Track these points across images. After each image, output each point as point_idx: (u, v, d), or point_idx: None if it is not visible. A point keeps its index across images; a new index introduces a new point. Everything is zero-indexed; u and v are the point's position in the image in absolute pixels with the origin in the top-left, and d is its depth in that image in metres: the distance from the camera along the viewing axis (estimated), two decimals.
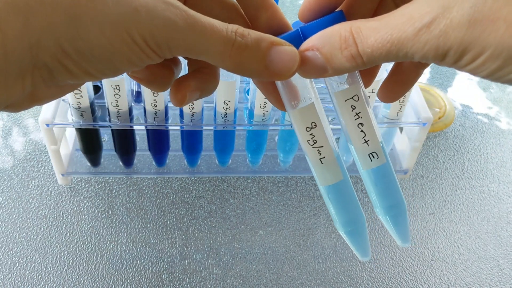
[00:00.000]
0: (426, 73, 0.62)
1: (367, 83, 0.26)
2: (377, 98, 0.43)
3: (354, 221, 0.27)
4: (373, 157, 0.25)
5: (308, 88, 0.24)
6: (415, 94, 0.44)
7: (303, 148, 0.25)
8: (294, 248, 0.43)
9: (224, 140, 0.44)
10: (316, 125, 0.24)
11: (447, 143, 0.53)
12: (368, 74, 0.26)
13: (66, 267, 0.40)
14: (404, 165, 0.48)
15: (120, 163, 0.46)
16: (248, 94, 0.44)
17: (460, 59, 0.18)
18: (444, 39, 0.18)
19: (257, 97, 0.39)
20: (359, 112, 0.25)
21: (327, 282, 0.41)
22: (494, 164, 0.51)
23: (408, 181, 0.49)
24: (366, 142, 0.25)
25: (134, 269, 0.40)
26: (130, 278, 0.40)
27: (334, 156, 0.25)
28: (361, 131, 0.25)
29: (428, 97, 0.56)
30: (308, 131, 0.24)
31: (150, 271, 0.40)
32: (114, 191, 0.46)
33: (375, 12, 0.24)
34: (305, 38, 0.22)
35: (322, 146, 0.25)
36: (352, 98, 0.25)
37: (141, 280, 0.40)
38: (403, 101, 0.41)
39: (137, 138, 0.47)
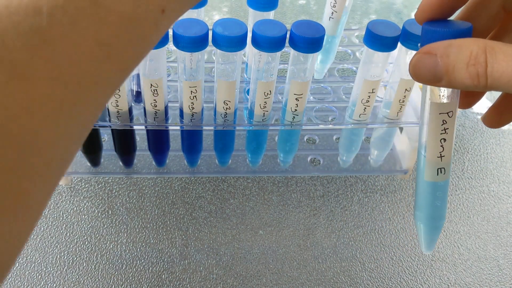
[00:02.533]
0: None
1: (466, 105, 0.26)
2: (377, 98, 0.43)
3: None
4: (441, 172, 0.26)
5: None
6: (415, 94, 0.44)
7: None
8: (294, 248, 0.43)
9: (224, 140, 0.44)
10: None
11: None
12: (473, 97, 0.26)
13: (66, 267, 0.40)
14: (404, 165, 0.47)
15: (120, 163, 0.46)
16: (248, 94, 0.44)
17: None
18: None
19: (257, 97, 0.39)
20: (447, 128, 0.25)
21: (327, 282, 0.41)
22: (494, 164, 0.51)
23: (408, 181, 0.49)
24: (440, 157, 0.26)
25: (134, 269, 0.40)
26: (130, 278, 0.40)
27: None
28: (441, 145, 0.25)
29: None
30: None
31: (150, 271, 0.40)
32: (114, 191, 0.46)
33: (497, 32, 0.24)
34: (426, 37, 0.22)
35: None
36: (447, 113, 0.25)
37: (141, 280, 0.40)
38: (403, 101, 0.41)
39: (137, 138, 0.47)
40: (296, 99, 0.39)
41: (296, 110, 0.40)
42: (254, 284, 0.40)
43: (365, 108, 0.41)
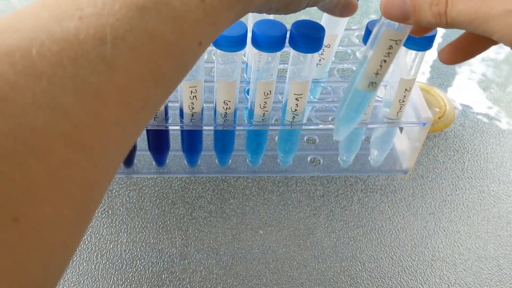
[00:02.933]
0: (426, 72, 0.62)
1: (418, 34, 0.29)
2: (377, 98, 0.43)
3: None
4: (371, 85, 0.30)
5: None
6: (415, 94, 0.44)
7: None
8: (294, 248, 0.43)
9: (224, 140, 0.44)
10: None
11: (447, 143, 0.53)
12: (423, 30, 0.29)
13: None
14: (404, 165, 0.48)
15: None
16: (248, 94, 0.44)
17: None
18: None
19: (257, 97, 0.39)
20: (391, 53, 0.29)
21: (327, 282, 0.41)
22: (494, 164, 0.51)
23: (408, 181, 0.49)
24: (376, 73, 0.30)
25: (134, 269, 0.40)
26: (130, 278, 0.40)
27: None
28: (380, 65, 0.29)
29: (428, 97, 0.56)
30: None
31: (150, 271, 0.40)
32: (114, 191, 0.46)
33: None
34: None
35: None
36: (395, 40, 0.29)
37: (141, 280, 0.40)
38: (403, 101, 0.41)
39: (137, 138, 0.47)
40: (296, 99, 0.39)
41: (296, 110, 0.40)
42: (254, 284, 0.40)
43: None
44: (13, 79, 0.15)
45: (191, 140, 0.44)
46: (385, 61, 0.30)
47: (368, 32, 0.37)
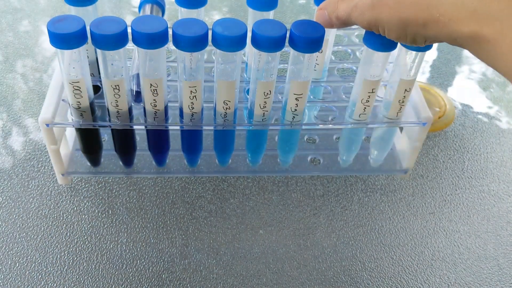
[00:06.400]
0: (426, 72, 0.62)
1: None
2: (377, 98, 0.43)
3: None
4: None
5: None
6: (415, 93, 0.44)
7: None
8: (294, 248, 0.43)
9: (224, 140, 0.44)
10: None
11: (447, 142, 0.53)
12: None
13: (66, 267, 0.40)
14: (404, 164, 0.47)
15: (120, 163, 0.46)
16: (248, 94, 0.44)
17: (377, 31, 0.30)
18: (362, 16, 0.30)
19: (257, 97, 0.39)
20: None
21: (327, 281, 0.41)
22: (494, 163, 0.51)
23: (408, 181, 0.49)
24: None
25: (134, 268, 0.40)
26: (130, 277, 0.40)
27: None
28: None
29: (428, 97, 0.56)
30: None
31: (150, 270, 0.40)
32: (114, 191, 0.46)
33: None
34: None
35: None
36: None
37: (141, 279, 0.40)
38: (403, 101, 0.41)
39: (137, 138, 0.47)
40: (296, 99, 0.39)
41: (296, 110, 0.40)
42: (254, 283, 0.40)
43: (365, 108, 0.41)
44: None
45: (191, 140, 0.44)
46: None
47: (368, 32, 0.37)
